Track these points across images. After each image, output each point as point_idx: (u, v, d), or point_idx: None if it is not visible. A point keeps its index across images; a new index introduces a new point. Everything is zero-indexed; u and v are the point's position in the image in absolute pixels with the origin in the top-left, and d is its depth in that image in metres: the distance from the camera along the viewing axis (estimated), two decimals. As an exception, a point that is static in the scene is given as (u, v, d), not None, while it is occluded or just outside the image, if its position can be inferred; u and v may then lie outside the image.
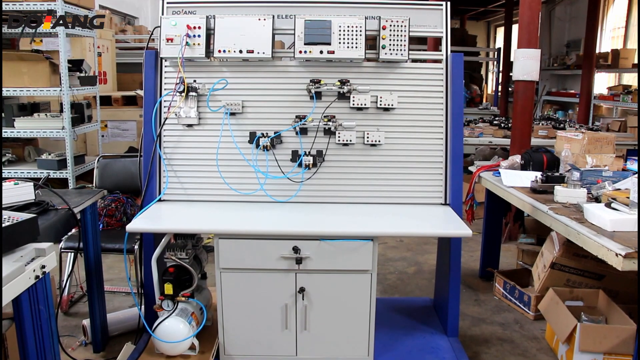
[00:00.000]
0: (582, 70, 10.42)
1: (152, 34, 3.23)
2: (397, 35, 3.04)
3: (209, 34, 3.05)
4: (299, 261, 2.70)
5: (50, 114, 5.65)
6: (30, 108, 5.80)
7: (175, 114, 3.08)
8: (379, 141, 3.11)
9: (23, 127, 5.32)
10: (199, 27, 3.02)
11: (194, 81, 3.09)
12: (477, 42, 15.72)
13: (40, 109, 5.87)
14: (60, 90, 5.26)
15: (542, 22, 14.22)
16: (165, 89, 3.16)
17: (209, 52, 3.05)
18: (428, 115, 3.17)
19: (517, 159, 4.34)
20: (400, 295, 4.45)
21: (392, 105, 3.10)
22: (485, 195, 4.76)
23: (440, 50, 3.20)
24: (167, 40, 3.03)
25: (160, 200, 3.15)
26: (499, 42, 16.70)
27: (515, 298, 4.19)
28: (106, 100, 7.23)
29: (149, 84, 3.13)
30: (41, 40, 6.72)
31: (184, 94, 3.02)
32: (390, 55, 3.04)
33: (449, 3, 3.24)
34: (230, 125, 3.10)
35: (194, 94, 3.06)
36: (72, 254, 4.00)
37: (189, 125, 3.14)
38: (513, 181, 3.86)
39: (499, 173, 4.14)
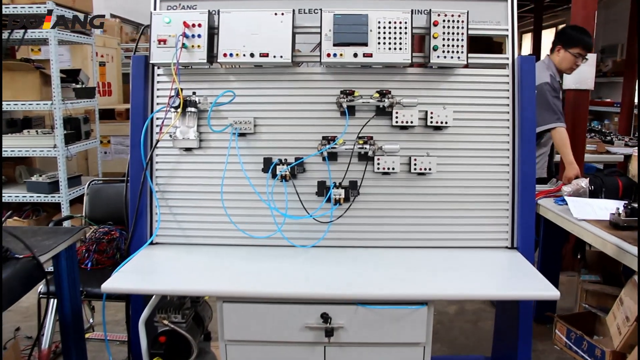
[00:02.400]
0: (623, 77, 9.66)
1: (140, 34, 2.58)
2: (453, 34, 2.41)
3: (212, 33, 2.45)
4: (329, 332, 2.05)
5: (42, 130, 5.05)
6: (21, 124, 5.23)
7: (170, 135, 2.48)
8: (429, 169, 2.47)
9: (10, 145, 4.74)
10: (200, 25, 2.41)
11: (193, 93, 2.47)
12: (503, 50, 15.02)
13: (33, 125, 5.32)
14: (52, 103, 4.64)
15: (572, 27, 13.49)
16: (157, 104, 2.56)
17: (212, 56, 2.45)
18: (490, 135, 2.54)
19: (582, 183, 3.64)
20: (442, 344, 3.80)
21: (445, 122, 2.46)
22: (541, 222, 4.05)
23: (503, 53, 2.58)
24: (159, 41, 2.41)
25: (152, 243, 2.52)
26: (526, 49, 15.99)
27: (583, 350, 3.49)
28: (110, 114, 6.64)
29: (136, 97, 2.52)
30: (39, 49, 6.21)
31: (179, 110, 2.38)
32: (444, 59, 2.40)
33: (515, -7, 2.56)
34: (238, 150, 2.48)
35: (193, 109, 2.43)
36: (54, 300, 3.35)
37: (187, 149, 2.54)
38: (585, 213, 3.16)
39: (563, 201, 3.44)
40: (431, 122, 2.46)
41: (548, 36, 16.07)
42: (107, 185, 3.94)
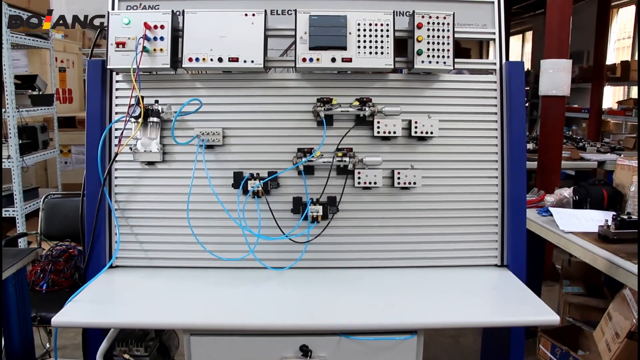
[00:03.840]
0: (591, 83, 9.71)
1: (97, 36, 2.34)
2: (438, 37, 2.22)
3: (177, 35, 2.23)
4: (309, 367, 1.82)
5: (-6, 140, 4.73)
6: (-27, 133, 4.88)
7: (130, 148, 2.25)
8: (414, 183, 2.29)
9: (-41, 157, 4.40)
10: (162, 27, 2.18)
11: (156, 102, 2.25)
12: (471, 56, 15.07)
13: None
14: (5, 111, 4.35)
15: (541, 33, 13.61)
16: (117, 113, 2.33)
17: (176, 61, 2.22)
18: (478, 145, 2.38)
19: (565, 193, 3.53)
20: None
21: (430, 132, 2.28)
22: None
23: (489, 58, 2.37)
24: (118, 45, 2.18)
25: (111, 266, 2.29)
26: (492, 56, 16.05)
27: (569, 367, 3.33)
28: (71, 122, 6.32)
29: (93, 106, 2.29)
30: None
31: (140, 120, 2.15)
32: (429, 64, 2.22)
33: (501, -6, 2.41)
34: (206, 163, 2.25)
35: (155, 119, 2.21)
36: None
37: (150, 163, 2.31)
38: (571, 225, 3.04)
39: (547, 211, 3.31)
40: (415, 132, 2.28)
41: (516, 43, 16.23)
42: (65, 199, 3.67)
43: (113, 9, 2.33)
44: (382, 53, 2.19)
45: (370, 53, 2.19)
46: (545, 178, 4.78)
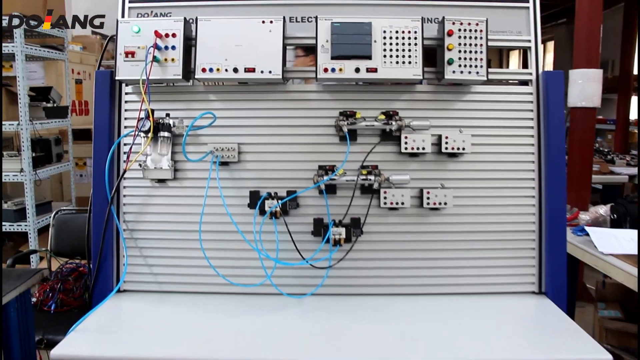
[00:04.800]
0: (617, 94, 9.44)
1: (105, 46, 2.21)
2: (470, 45, 2.05)
3: (189, 44, 2.09)
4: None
5: (8, 152, 4.64)
6: (-14, 145, 4.81)
7: (140, 164, 2.11)
8: (444, 203, 2.11)
9: (-29, 170, 4.31)
10: (174, 35, 2.04)
11: (167, 115, 2.11)
12: (491, 66, 14.84)
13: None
14: (18, 124, 4.25)
15: (562, 42, 13.37)
16: (126, 127, 2.19)
17: (188, 71, 2.09)
18: (514, 162, 2.20)
19: (601, 210, 3.34)
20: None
21: (462, 148, 2.10)
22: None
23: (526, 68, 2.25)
24: (127, 54, 2.05)
25: (119, 290, 2.14)
26: (512, 66, 15.84)
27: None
28: (86, 134, 6.23)
29: (100, 119, 2.17)
30: (11, 65, 5.82)
31: (150, 135, 2.00)
32: (461, 74, 2.04)
33: (537, 0, 2.23)
34: (219, 181, 2.10)
35: (166, 134, 2.06)
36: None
37: (160, 181, 2.17)
38: (611, 246, 2.85)
39: (582, 231, 3.12)
40: (446, 148, 2.10)
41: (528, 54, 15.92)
42: (76, 215, 3.54)
43: (123, 16, 2.19)
44: (409, 63, 2.02)
45: (397, 63, 2.02)
46: (575, 193, 4.57)
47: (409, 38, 2.03)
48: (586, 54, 4.55)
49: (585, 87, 4.52)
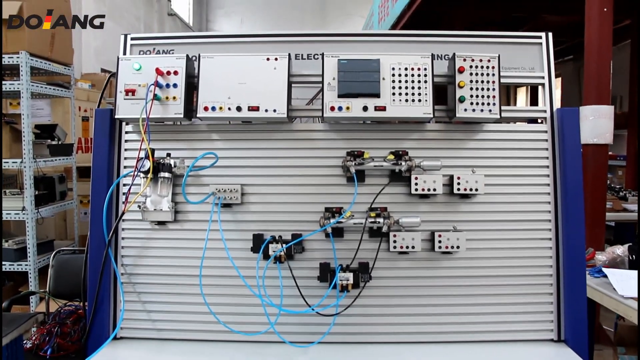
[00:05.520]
0: (627, 129, 9.34)
1: (106, 83, 2.15)
2: (482, 82, 1.99)
3: (191, 82, 2.03)
4: None
5: (10, 190, 4.57)
6: (-10, 183, 4.77)
7: (139, 206, 2.04)
8: (457, 247, 2.03)
9: (-26, 208, 4.25)
10: (176, 73, 1.99)
11: (168, 155, 2.04)
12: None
13: (3, 184, 4.83)
14: (22, 161, 4.18)
15: (569, 78, 13.38)
16: (125, 167, 2.12)
17: (190, 110, 2.04)
18: (529, 203, 2.12)
19: (618, 251, 3.22)
20: None
21: (475, 189, 2.01)
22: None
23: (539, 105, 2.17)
24: (127, 92, 2.00)
25: (115, 337, 2.05)
26: (519, 104, 15.87)
27: None
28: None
29: (99, 158, 2.11)
30: (18, 103, 5.82)
31: (150, 175, 1.91)
32: (473, 112, 1.97)
33: (550, 35, 2.17)
34: (221, 224, 2.02)
35: (166, 174, 1.99)
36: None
37: (160, 223, 2.11)
38: (631, 289, 2.71)
39: (600, 272, 2.99)
40: (458, 189, 2.03)
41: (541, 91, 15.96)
42: (76, 255, 3.46)
43: (125, 53, 2.14)
44: (419, 101, 1.96)
45: (407, 101, 1.96)
46: (589, 232, 4.45)
47: (419, 75, 1.97)
48: (596, 90, 4.47)
49: (597, 123, 4.44)
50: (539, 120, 2.15)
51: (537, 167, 2.10)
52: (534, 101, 12.49)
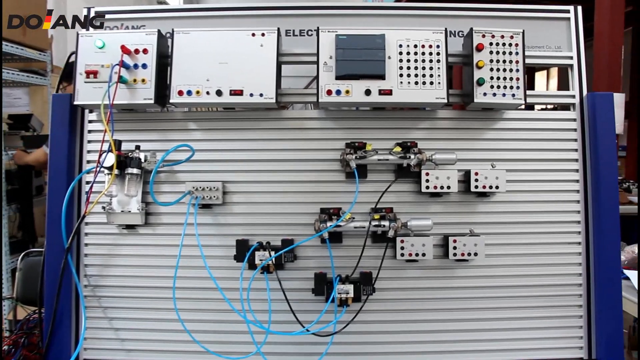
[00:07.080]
0: (628, 119, 9.18)
1: (67, 62, 1.87)
2: (505, 62, 1.74)
3: (164, 62, 1.79)
4: None
5: (-20, 185, 4.32)
6: (-42, 177, 4.51)
7: (103, 207, 1.79)
8: (474, 253, 1.79)
9: (-62, 205, 3.99)
10: (145, 51, 1.74)
11: (137, 148, 1.78)
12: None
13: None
14: (-12, 154, 3.91)
15: (565, 69, 13.19)
16: (89, 161, 1.88)
17: (163, 95, 1.79)
18: (555, 202, 1.88)
19: (637, 249, 2.97)
20: None
21: (495, 187, 1.77)
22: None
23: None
24: (88, 74, 1.72)
25: (77, 358, 1.82)
26: (538, 88, 15.86)
27: None
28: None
29: (57, 152, 1.87)
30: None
31: (114, 171, 1.64)
32: (494, 97, 1.73)
33: (579, 8, 1.90)
34: (197, 228, 1.78)
35: (134, 170, 1.73)
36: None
37: (129, 227, 1.86)
38: (657, 294, 2.48)
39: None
40: (476, 186, 1.80)
41: (540, 79, 15.91)
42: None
43: (87, 29, 1.85)
44: (431, 83, 1.71)
45: (417, 83, 1.72)
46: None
47: (430, 54, 1.73)
48: (607, 78, 4.28)
49: (608, 113, 4.24)
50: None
51: (564, 160, 1.87)
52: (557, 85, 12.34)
